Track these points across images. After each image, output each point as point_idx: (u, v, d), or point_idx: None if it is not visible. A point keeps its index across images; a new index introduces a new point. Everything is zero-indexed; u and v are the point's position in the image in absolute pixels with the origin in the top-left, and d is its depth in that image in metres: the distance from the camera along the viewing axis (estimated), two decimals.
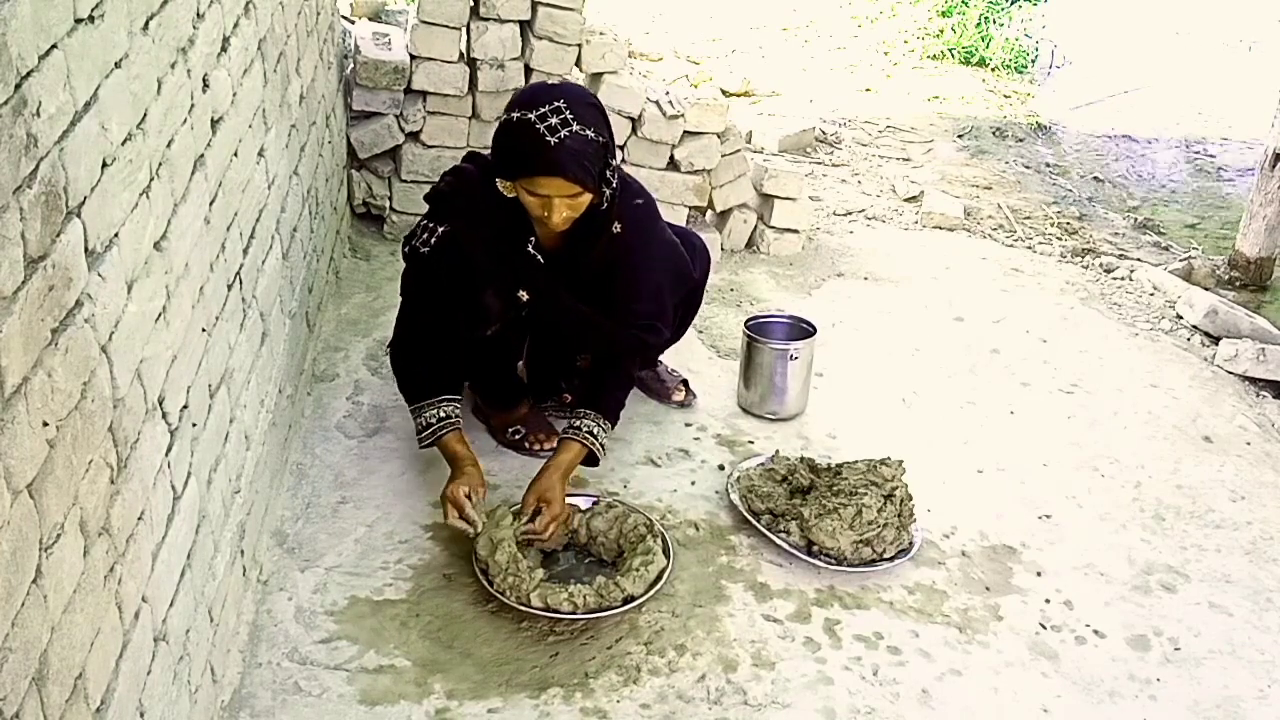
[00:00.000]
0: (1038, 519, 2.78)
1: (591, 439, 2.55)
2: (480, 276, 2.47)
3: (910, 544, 2.55)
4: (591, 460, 2.58)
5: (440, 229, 2.47)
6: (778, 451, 2.79)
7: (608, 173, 2.42)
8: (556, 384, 2.92)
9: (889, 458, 2.62)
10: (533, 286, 2.52)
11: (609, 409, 2.61)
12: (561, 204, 2.35)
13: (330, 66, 3.46)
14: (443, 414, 2.52)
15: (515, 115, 2.34)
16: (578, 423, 2.57)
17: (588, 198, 2.38)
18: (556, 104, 2.31)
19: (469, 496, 2.40)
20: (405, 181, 3.77)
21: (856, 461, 2.65)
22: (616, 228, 2.52)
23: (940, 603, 2.47)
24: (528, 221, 2.49)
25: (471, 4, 3.58)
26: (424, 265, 2.49)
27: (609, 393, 2.63)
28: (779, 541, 2.53)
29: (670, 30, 7.09)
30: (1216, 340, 3.73)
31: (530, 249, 2.51)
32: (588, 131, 2.32)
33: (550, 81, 2.79)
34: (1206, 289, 4.16)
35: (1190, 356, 3.68)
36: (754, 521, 2.58)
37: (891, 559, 2.51)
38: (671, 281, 2.74)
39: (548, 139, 2.28)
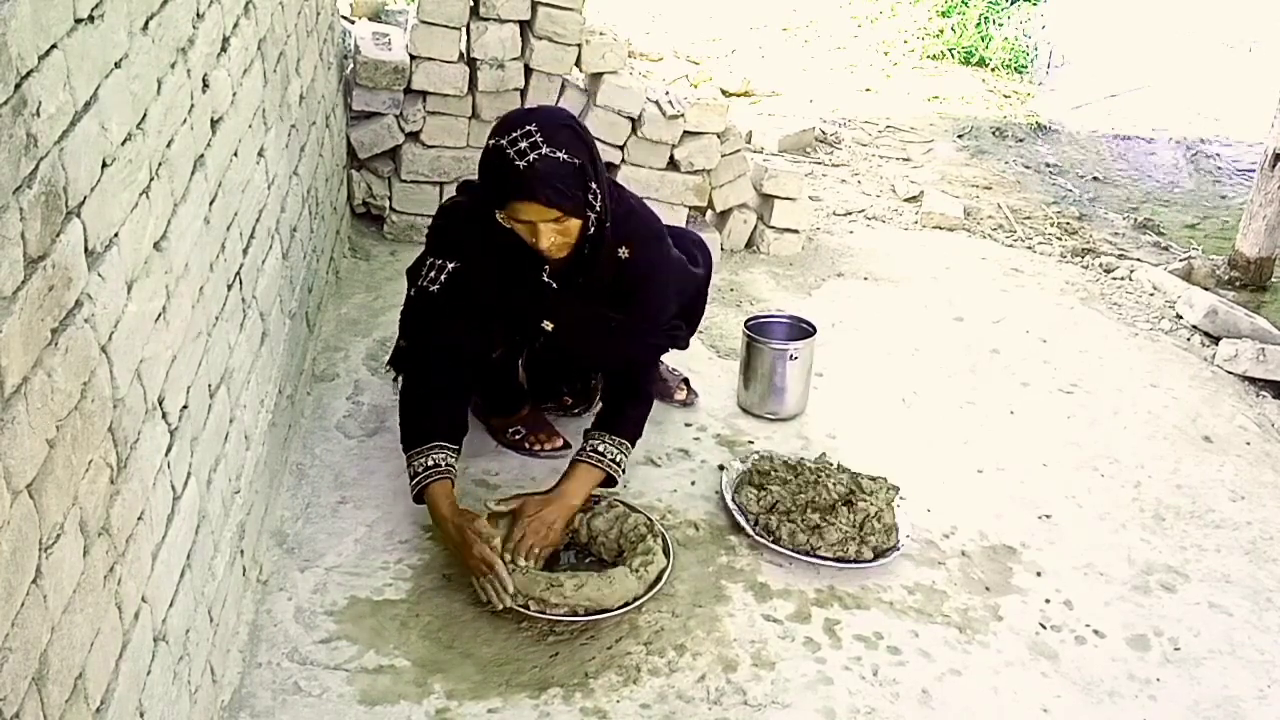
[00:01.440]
0: (1037, 519, 2.78)
1: (614, 466, 2.51)
2: (494, 308, 2.43)
3: (897, 544, 2.54)
4: (609, 482, 2.53)
5: (450, 265, 2.43)
6: (772, 453, 2.79)
7: (589, 195, 2.33)
8: (557, 388, 2.91)
9: (877, 476, 2.65)
10: (556, 315, 2.49)
11: (627, 430, 2.56)
12: (547, 229, 2.29)
13: (330, 66, 3.46)
14: (430, 462, 2.39)
15: (490, 143, 2.30)
16: (598, 445, 2.52)
17: (575, 222, 2.32)
18: (528, 128, 2.26)
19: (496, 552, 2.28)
20: (405, 181, 3.77)
21: (843, 468, 2.69)
22: (624, 252, 2.47)
23: (940, 603, 2.47)
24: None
25: (471, 4, 3.58)
26: (434, 304, 2.43)
27: (626, 414, 2.58)
28: (771, 545, 2.52)
29: (670, 30, 7.08)
30: (1216, 340, 3.73)
31: (545, 277, 2.47)
32: (559, 154, 2.25)
33: (529, 106, 2.74)
34: (1206, 289, 4.16)
35: (1190, 356, 3.68)
36: (745, 525, 2.57)
37: (885, 553, 2.51)
38: (681, 302, 2.73)
39: (516, 163, 2.24)
